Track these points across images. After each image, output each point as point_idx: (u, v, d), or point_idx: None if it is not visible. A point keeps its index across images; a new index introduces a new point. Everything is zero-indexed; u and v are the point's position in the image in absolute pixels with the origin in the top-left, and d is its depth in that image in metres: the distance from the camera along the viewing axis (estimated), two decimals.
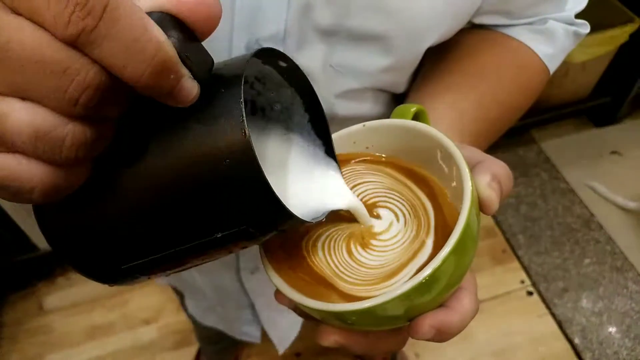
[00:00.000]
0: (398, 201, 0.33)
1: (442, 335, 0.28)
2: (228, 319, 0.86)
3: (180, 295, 0.92)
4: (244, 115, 0.21)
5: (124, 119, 0.22)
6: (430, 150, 0.32)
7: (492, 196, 0.29)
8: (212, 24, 0.21)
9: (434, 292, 0.27)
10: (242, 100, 0.21)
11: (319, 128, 0.33)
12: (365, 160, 0.36)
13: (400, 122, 0.33)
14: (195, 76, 0.21)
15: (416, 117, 0.35)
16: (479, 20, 0.46)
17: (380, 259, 0.30)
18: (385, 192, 0.34)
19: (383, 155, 0.36)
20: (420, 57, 0.45)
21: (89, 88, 0.18)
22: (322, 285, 0.30)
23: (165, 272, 0.28)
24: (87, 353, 1.47)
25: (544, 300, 1.45)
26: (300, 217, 0.25)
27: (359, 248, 0.31)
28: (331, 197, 0.32)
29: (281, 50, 0.39)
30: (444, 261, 0.25)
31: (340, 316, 0.27)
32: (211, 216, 0.23)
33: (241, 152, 0.21)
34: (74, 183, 0.21)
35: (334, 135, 0.35)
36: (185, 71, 0.20)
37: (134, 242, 0.24)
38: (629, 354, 1.32)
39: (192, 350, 1.43)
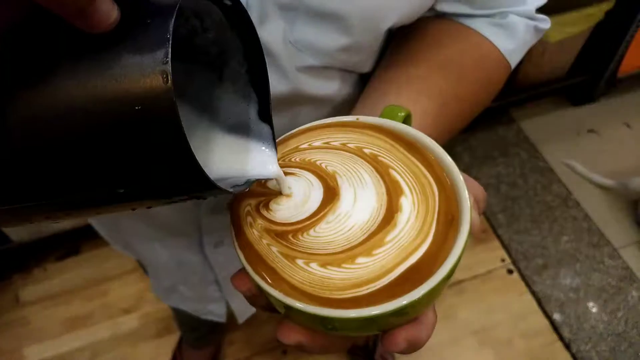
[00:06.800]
0: (412, 182, 0.29)
1: (412, 348, 0.28)
2: (192, 298, 0.84)
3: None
4: (169, 55, 0.18)
5: (22, 32, 0.18)
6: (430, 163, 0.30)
7: (477, 217, 0.30)
8: None
9: (423, 306, 0.26)
10: (169, 36, 0.18)
11: (258, 83, 0.28)
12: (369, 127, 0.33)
13: (401, 126, 0.31)
14: None
15: (403, 121, 0.33)
16: (440, 7, 0.46)
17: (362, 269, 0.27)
18: (404, 170, 0.30)
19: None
20: (380, 39, 0.44)
21: None
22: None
23: (62, 218, 0.24)
24: (67, 345, 1.45)
25: (523, 278, 1.48)
26: (221, 186, 0.22)
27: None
28: (258, 165, 0.28)
29: None
30: (443, 280, 0.24)
31: (323, 321, 0.24)
32: (115, 169, 0.20)
33: (158, 101, 0.18)
34: None
35: (320, 122, 0.33)
36: None
37: (27, 183, 0.21)
38: (606, 327, 1.36)
39: (174, 338, 1.42)
